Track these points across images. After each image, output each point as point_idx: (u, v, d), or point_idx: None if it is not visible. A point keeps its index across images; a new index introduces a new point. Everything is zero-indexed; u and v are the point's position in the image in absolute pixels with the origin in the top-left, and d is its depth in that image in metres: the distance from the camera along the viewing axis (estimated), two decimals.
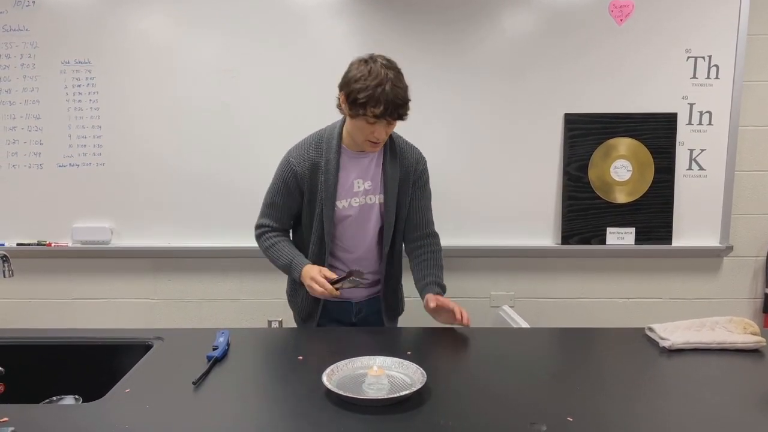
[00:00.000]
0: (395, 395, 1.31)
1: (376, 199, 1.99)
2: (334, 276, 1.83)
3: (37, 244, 2.91)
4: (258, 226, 2.08)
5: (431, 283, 1.98)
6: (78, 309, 3.01)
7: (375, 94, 1.74)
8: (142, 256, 2.96)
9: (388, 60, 1.85)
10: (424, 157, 2.08)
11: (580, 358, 1.60)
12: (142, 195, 2.88)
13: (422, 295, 1.96)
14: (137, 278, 2.98)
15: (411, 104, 2.79)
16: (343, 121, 1.95)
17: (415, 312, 2.24)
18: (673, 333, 1.70)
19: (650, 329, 1.77)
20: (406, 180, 2.02)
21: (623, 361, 1.58)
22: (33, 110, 2.82)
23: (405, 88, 1.82)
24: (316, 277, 1.83)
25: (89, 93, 2.81)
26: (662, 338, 1.68)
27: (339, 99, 1.88)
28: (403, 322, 2.21)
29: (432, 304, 1.87)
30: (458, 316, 1.82)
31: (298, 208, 2.02)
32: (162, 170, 2.86)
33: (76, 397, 1.64)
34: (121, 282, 2.99)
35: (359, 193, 1.96)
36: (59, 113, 2.82)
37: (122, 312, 3.01)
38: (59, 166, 2.86)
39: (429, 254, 2.06)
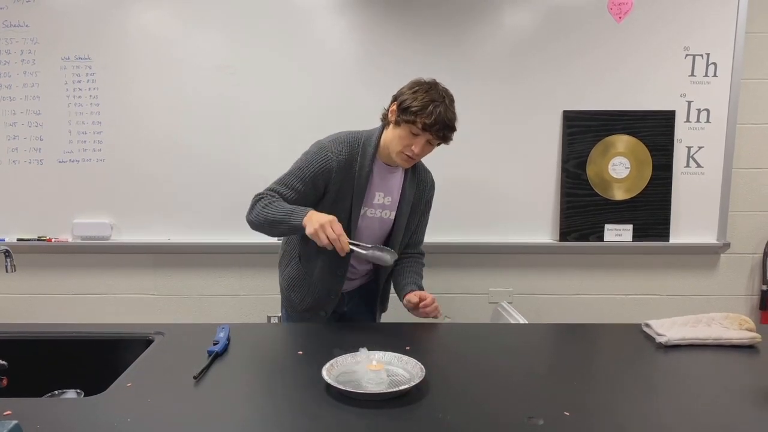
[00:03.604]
0: (394, 390, 1.32)
1: (390, 215, 2.01)
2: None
3: (38, 240, 2.92)
4: (262, 193, 1.88)
5: (411, 283, 2.02)
6: (78, 304, 3.02)
7: (429, 106, 1.79)
8: (142, 252, 2.97)
9: (447, 89, 1.89)
10: (434, 182, 2.14)
11: (578, 354, 1.62)
12: (142, 191, 2.89)
13: (402, 295, 1.99)
14: (137, 273, 3.00)
15: None
16: (382, 131, 1.95)
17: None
18: (669, 329, 1.71)
19: (647, 325, 1.78)
20: (419, 203, 2.07)
21: (620, 357, 1.60)
22: (33, 106, 2.83)
23: (455, 117, 1.86)
24: (333, 223, 1.71)
25: (89, 89, 2.82)
26: (659, 334, 1.70)
27: (387, 108, 1.91)
28: (399, 317, 2.23)
29: (415, 299, 1.89)
30: (434, 305, 1.88)
31: (309, 204, 1.90)
32: (162, 166, 2.87)
33: (78, 391, 1.65)
34: (122, 277, 3.00)
35: (377, 206, 1.98)
36: (59, 109, 2.83)
37: (122, 307, 3.02)
38: (59, 161, 2.87)
39: (413, 265, 2.11)
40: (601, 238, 2.90)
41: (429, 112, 1.78)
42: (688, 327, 1.73)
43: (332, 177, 1.88)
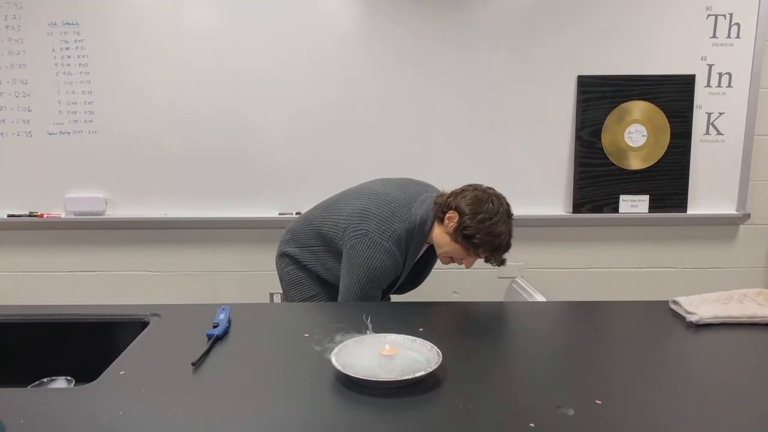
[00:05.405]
0: (409, 377, 1.22)
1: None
2: None
3: (29, 216, 2.82)
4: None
5: None
6: (72, 282, 2.93)
7: (494, 243, 1.77)
8: (139, 228, 2.88)
9: (508, 203, 1.84)
10: None
11: (603, 334, 1.52)
12: (137, 163, 2.77)
13: None
14: (133, 250, 2.90)
15: (421, 71, 2.71)
16: (433, 222, 1.87)
17: (422, 287, 2.16)
18: (699, 306, 1.61)
19: (675, 302, 1.68)
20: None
21: (649, 337, 1.49)
22: (20, 75, 2.70)
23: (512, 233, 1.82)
24: None
25: (78, 56, 2.69)
26: (689, 312, 1.59)
27: (446, 213, 1.82)
28: (409, 296, 2.13)
29: None
30: None
31: None
32: (157, 137, 2.75)
33: (69, 378, 1.55)
34: (117, 254, 2.90)
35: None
36: (47, 78, 2.70)
37: (118, 285, 2.93)
38: (49, 133, 2.75)
39: None
40: (616, 210, 2.79)
41: (492, 249, 1.78)
42: (720, 304, 1.62)
43: None
